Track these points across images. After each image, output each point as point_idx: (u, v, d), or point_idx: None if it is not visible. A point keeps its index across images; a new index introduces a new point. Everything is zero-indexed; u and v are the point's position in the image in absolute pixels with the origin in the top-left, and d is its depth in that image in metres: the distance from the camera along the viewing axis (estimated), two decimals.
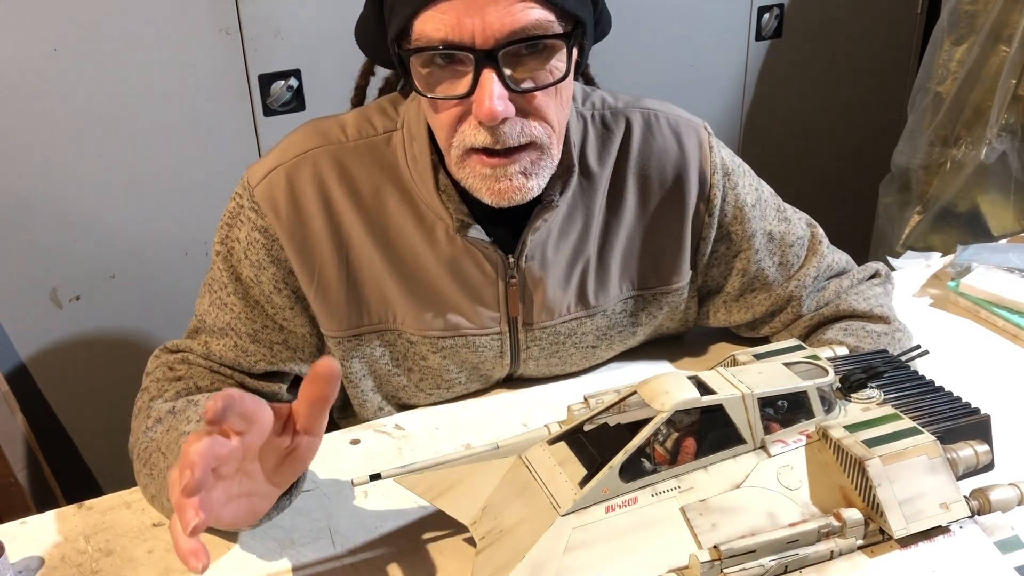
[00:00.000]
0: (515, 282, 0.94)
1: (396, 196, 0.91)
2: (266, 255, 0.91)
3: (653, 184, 0.97)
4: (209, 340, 0.94)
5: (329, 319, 0.94)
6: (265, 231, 0.90)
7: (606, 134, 0.96)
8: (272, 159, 0.92)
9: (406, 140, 0.91)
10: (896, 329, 1.02)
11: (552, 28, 0.77)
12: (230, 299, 0.93)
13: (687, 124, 0.98)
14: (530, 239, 0.91)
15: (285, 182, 0.90)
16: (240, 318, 0.93)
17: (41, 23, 1.42)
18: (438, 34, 0.75)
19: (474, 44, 0.75)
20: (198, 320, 0.95)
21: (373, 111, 0.94)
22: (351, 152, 0.91)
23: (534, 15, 0.75)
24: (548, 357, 1.01)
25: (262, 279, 0.92)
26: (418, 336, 0.96)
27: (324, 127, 0.93)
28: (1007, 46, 1.84)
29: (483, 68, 0.75)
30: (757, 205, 1.01)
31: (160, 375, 0.93)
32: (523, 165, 0.82)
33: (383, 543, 0.80)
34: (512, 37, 0.75)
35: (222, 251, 0.93)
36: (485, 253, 0.92)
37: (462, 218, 0.89)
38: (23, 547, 0.81)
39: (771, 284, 1.04)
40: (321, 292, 0.92)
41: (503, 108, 0.76)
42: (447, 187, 0.89)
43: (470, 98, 0.78)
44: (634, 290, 1.01)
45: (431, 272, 0.93)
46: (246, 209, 0.91)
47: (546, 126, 0.81)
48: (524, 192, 0.83)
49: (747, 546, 0.64)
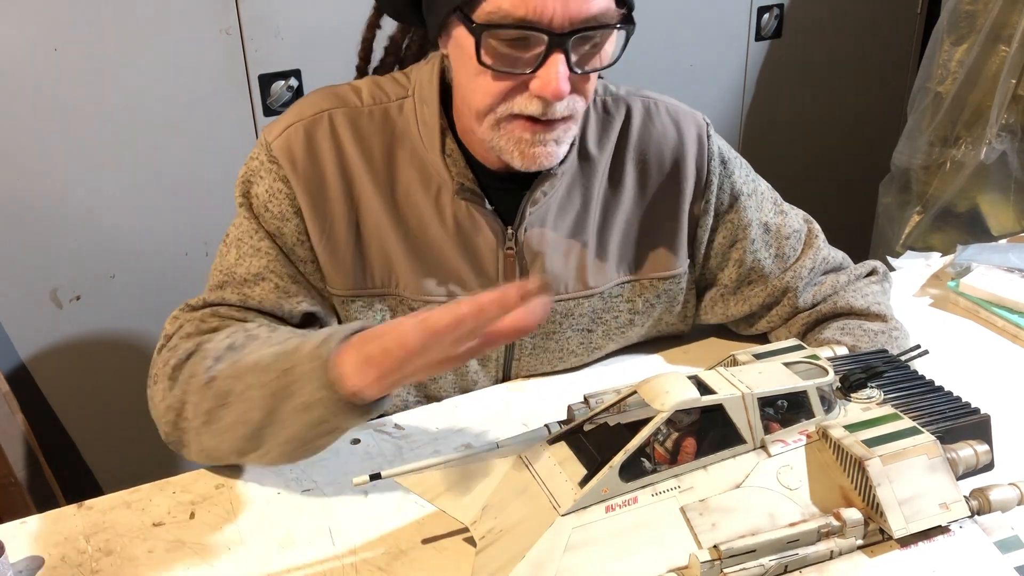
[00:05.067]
0: (512, 252, 0.95)
1: (406, 160, 0.93)
2: (289, 205, 0.92)
3: (651, 170, 0.99)
4: (243, 288, 0.92)
5: (334, 276, 0.95)
6: (286, 180, 0.92)
7: (606, 119, 0.98)
8: (290, 116, 0.93)
9: (418, 106, 0.93)
10: (893, 328, 1.02)
11: (615, 17, 0.81)
12: (263, 243, 0.92)
13: (686, 113, 1.01)
14: (529, 211, 0.94)
15: (304, 136, 0.92)
16: (277, 260, 0.93)
17: (41, 23, 1.42)
18: (518, 11, 0.77)
19: (551, 26, 0.77)
20: (224, 274, 0.93)
21: (386, 80, 0.96)
22: (365, 116, 0.93)
23: (604, 3, 0.79)
24: (545, 339, 1.02)
25: (284, 231, 0.93)
26: (419, 301, 0.97)
27: (339, 91, 0.95)
28: (1007, 46, 1.84)
29: (554, 50, 0.78)
30: (753, 195, 1.03)
31: (191, 329, 0.90)
32: (558, 134, 0.85)
33: (383, 543, 0.80)
34: (586, 24, 0.78)
35: (244, 203, 0.93)
36: (486, 219, 0.94)
37: (463, 181, 0.91)
38: (23, 547, 0.80)
39: (767, 276, 1.05)
40: (329, 247, 0.94)
41: (567, 88, 0.80)
42: (453, 151, 0.91)
43: (533, 74, 0.80)
44: (630, 274, 1.02)
45: (435, 237, 0.95)
46: (265, 162, 0.92)
47: (584, 101, 0.85)
48: (553, 158, 0.87)
49: (747, 546, 0.64)
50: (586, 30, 0.79)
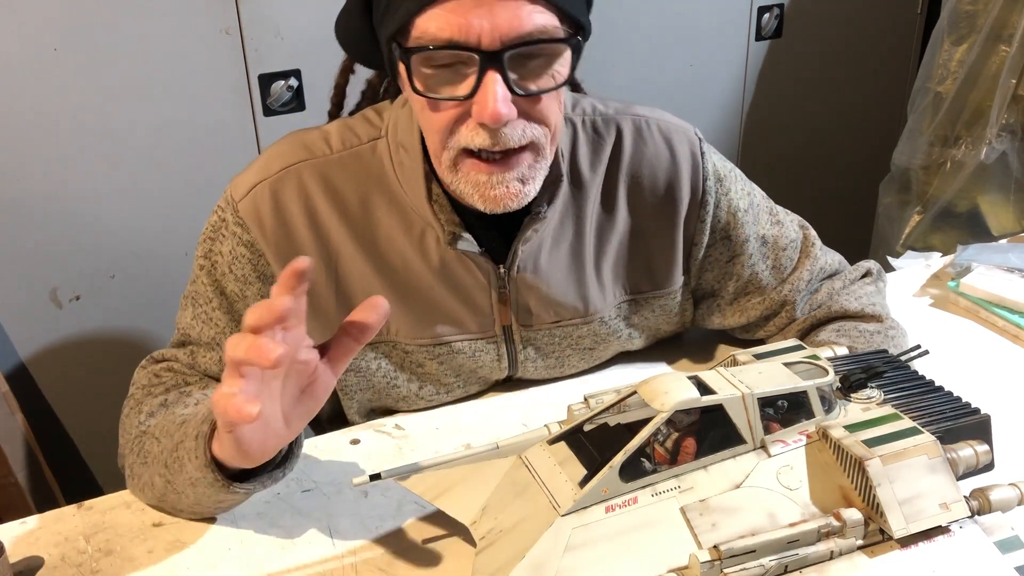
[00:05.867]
0: (507, 292, 0.94)
1: (384, 205, 0.90)
2: (252, 270, 0.90)
3: (645, 191, 0.97)
4: (196, 350, 0.93)
5: (320, 334, 0.92)
6: (251, 246, 0.89)
7: (597, 140, 0.95)
8: (255, 173, 0.90)
9: (392, 148, 0.90)
10: (889, 327, 1.02)
11: (557, 33, 0.76)
12: (215, 314, 0.91)
13: (678, 130, 0.98)
14: (521, 250, 0.91)
15: (270, 197, 0.89)
16: (225, 333, 0.91)
17: (41, 23, 1.42)
18: (443, 33, 0.74)
19: (480, 45, 0.74)
20: (181, 334, 0.94)
21: (356, 120, 0.93)
22: (336, 164, 0.90)
23: (541, 19, 0.75)
24: (545, 359, 1.01)
25: (247, 294, 0.91)
26: (413, 345, 0.95)
27: (307, 140, 0.91)
28: (1007, 46, 1.84)
29: (487, 70, 0.74)
30: (750, 210, 1.01)
31: (146, 382, 0.92)
32: (520, 171, 0.81)
33: (383, 543, 0.80)
34: (519, 40, 0.74)
35: (206, 265, 0.91)
36: (476, 261, 0.92)
37: (453, 229, 0.88)
38: (23, 547, 0.80)
39: (765, 288, 1.04)
40: (311, 307, 0.91)
41: (507, 111, 0.75)
42: (439, 197, 0.88)
43: (470, 100, 0.77)
44: (627, 295, 1.01)
45: (423, 281, 0.92)
46: (230, 223, 0.90)
47: (545, 128, 0.81)
48: (520, 199, 0.82)
49: (747, 546, 0.64)
50: (523, 45, 0.74)
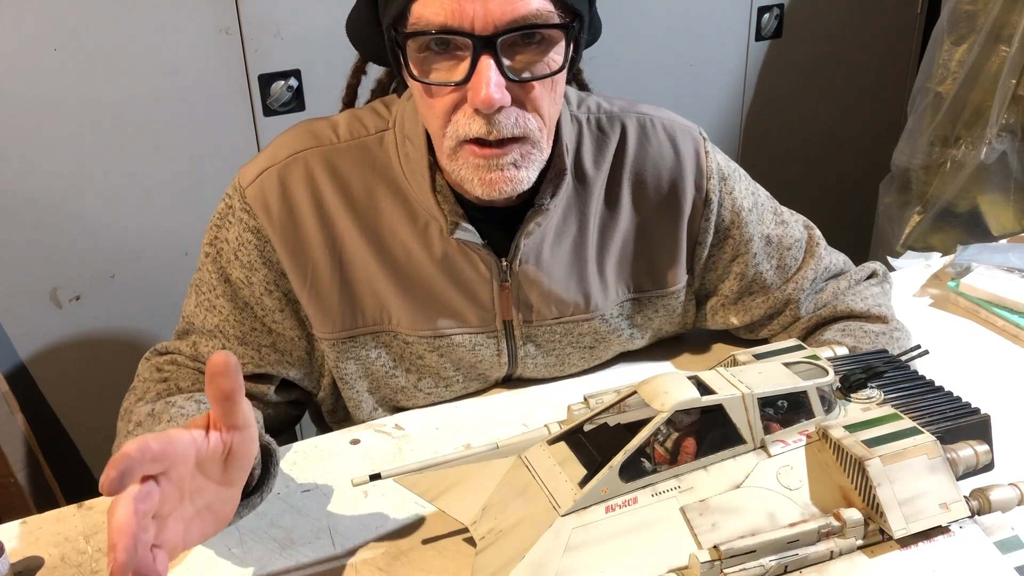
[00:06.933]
0: (508, 285, 0.94)
1: (389, 196, 0.91)
2: (258, 256, 0.91)
3: (648, 189, 0.97)
4: (198, 341, 0.93)
5: (323, 321, 0.94)
6: (257, 232, 0.90)
7: (601, 138, 0.95)
8: (263, 160, 0.91)
9: (399, 140, 0.90)
10: (894, 328, 1.02)
11: (552, 19, 0.77)
12: (219, 301, 0.92)
13: (682, 129, 0.98)
14: (523, 243, 0.91)
15: (277, 183, 0.90)
16: (228, 320, 0.92)
17: (41, 23, 1.42)
18: (437, 18, 0.75)
19: (473, 30, 0.74)
20: (186, 322, 0.95)
21: (365, 112, 0.94)
22: (343, 153, 0.91)
23: (535, 5, 0.75)
24: (545, 356, 1.01)
25: (253, 280, 0.91)
26: (414, 336, 0.95)
27: (315, 128, 0.92)
28: (1007, 46, 1.84)
29: (481, 55, 0.75)
30: (754, 209, 1.01)
31: (148, 375, 0.93)
32: (514, 157, 0.81)
33: (383, 543, 0.80)
34: (512, 25, 0.75)
35: (211, 252, 0.92)
36: (479, 253, 0.92)
37: (456, 220, 0.89)
38: (23, 547, 0.80)
39: (769, 287, 1.04)
40: (314, 294, 0.92)
41: (500, 96, 0.76)
42: (443, 187, 0.89)
43: (466, 86, 0.77)
44: (630, 293, 1.01)
45: (425, 272, 0.93)
46: (237, 210, 0.91)
47: (539, 119, 0.81)
48: (515, 183, 0.82)
49: (747, 546, 0.64)
50: (516, 30, 0.75)
